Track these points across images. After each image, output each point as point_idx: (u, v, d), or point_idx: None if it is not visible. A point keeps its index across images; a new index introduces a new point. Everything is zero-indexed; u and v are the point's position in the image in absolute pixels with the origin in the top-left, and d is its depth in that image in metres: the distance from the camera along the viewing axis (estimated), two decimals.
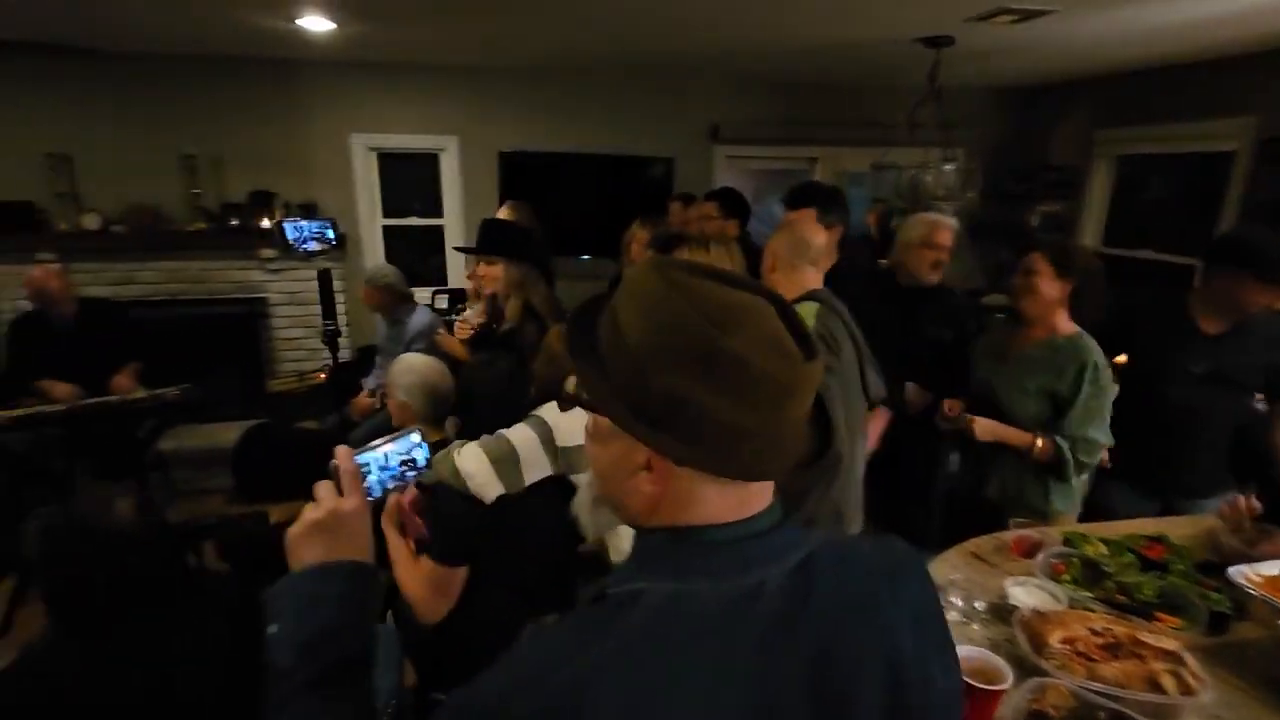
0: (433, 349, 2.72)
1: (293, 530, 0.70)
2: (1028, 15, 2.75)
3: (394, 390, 2.05)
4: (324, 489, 0.72)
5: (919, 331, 2.33)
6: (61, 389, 2.96)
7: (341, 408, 3.26)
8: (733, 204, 3.08)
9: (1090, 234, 4.52)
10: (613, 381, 0.56)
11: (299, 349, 4.43)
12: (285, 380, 4.28)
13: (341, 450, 0.75)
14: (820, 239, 1.95)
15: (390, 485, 0.81)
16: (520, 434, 1.56)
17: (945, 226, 2.39)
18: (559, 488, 1.63)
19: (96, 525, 1.18)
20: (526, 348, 2.37)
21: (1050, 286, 1.85)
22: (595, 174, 4.47)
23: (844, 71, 4.19)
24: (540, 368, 1.72)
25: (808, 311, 1.73)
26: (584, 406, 0.61)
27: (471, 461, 1.52)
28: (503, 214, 3.26)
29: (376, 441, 0.80)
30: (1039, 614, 1.28)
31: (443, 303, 4.23)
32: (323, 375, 4.16)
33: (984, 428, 1.90)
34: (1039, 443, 1.84)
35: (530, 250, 2.33)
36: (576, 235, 4.42)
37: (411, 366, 2.09)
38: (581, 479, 1.60)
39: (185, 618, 1.25)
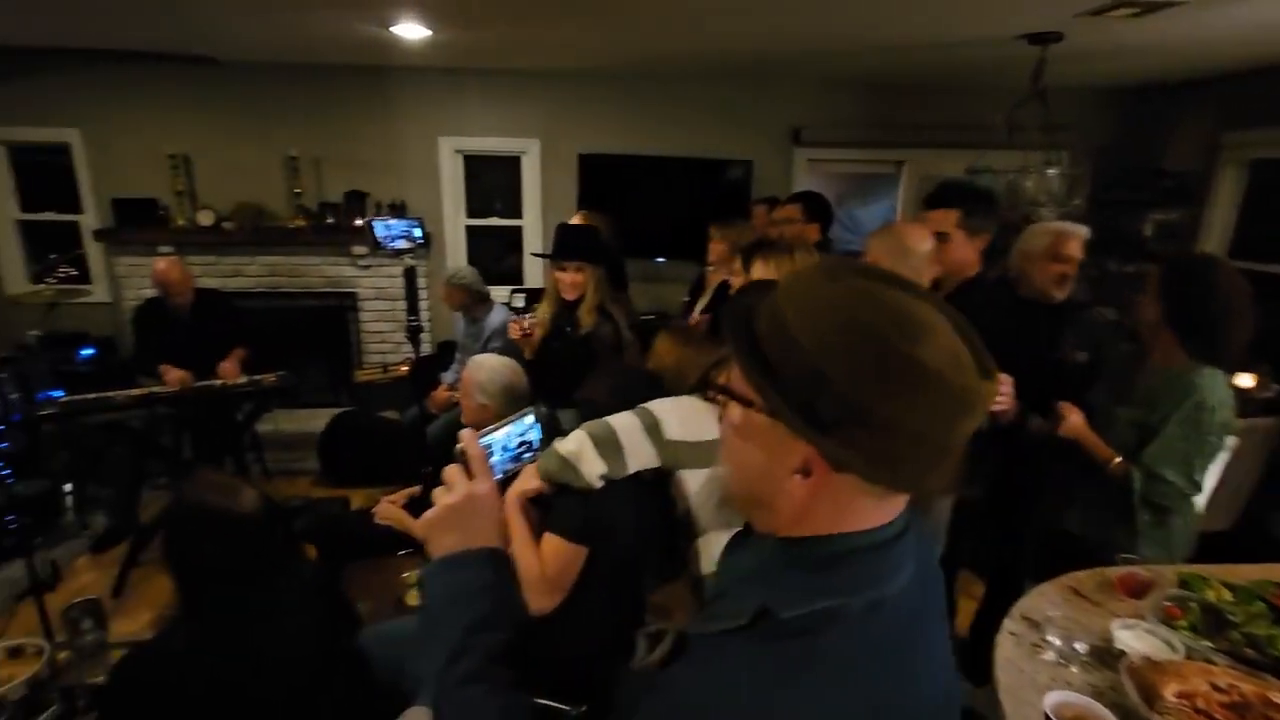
0: (509, 347, 2.77)
1: (429, 516, 0.71)
2: (1151, 8, 2.53)
3: (471, 392, 2.09)
4: (455, 473, 0.73)
5: (1046, 351, 2.10)
6: (176, 373, 3.21)
7: (421, 400, 3.37)
8: (816, 208, 3.00)
9: (1214, 245, 4.12)
10: (779, 381, 0.54)
11: (384, 342, 4.63)
12: (370, 371, 4.48)
13: (467, 434, 0.75)
14: (924, 246, 1.84)
15: (510, 466, 0.81)
16: (623, 420, 1.54)
17: (1073, 236, 2.14)
18: (660, 481, 1.61)
19: (220, 512, 1.25)
20: (601, 349, 2.39)
21: (1149, 309, 1.67)
22: (672, 177, 4.45)
23: (937, 71, 4.00)
24: (656, 362, 1.73)
25: None
26: (737, 400, 0.59)
27: (572, 442, 1.52)
28: (577, 221, 3.31)
29: (495, 424, 0.81)
30: (1151, 663, 1.17)
31: (519, 301, 4.33)
32: (405, 368, 4.34)
33: (1072, 423, 1.76)
34: (1116, 460, 1.69)
35: (605, 256, 2.34)
36: (653, 238, 4.42)
37: (487, 368, 2.13)
38: (699, 474, 1.58)
39: (292, 601, 1.31)
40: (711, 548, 1.62)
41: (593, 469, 1.49)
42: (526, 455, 0.83)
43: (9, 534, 3.06)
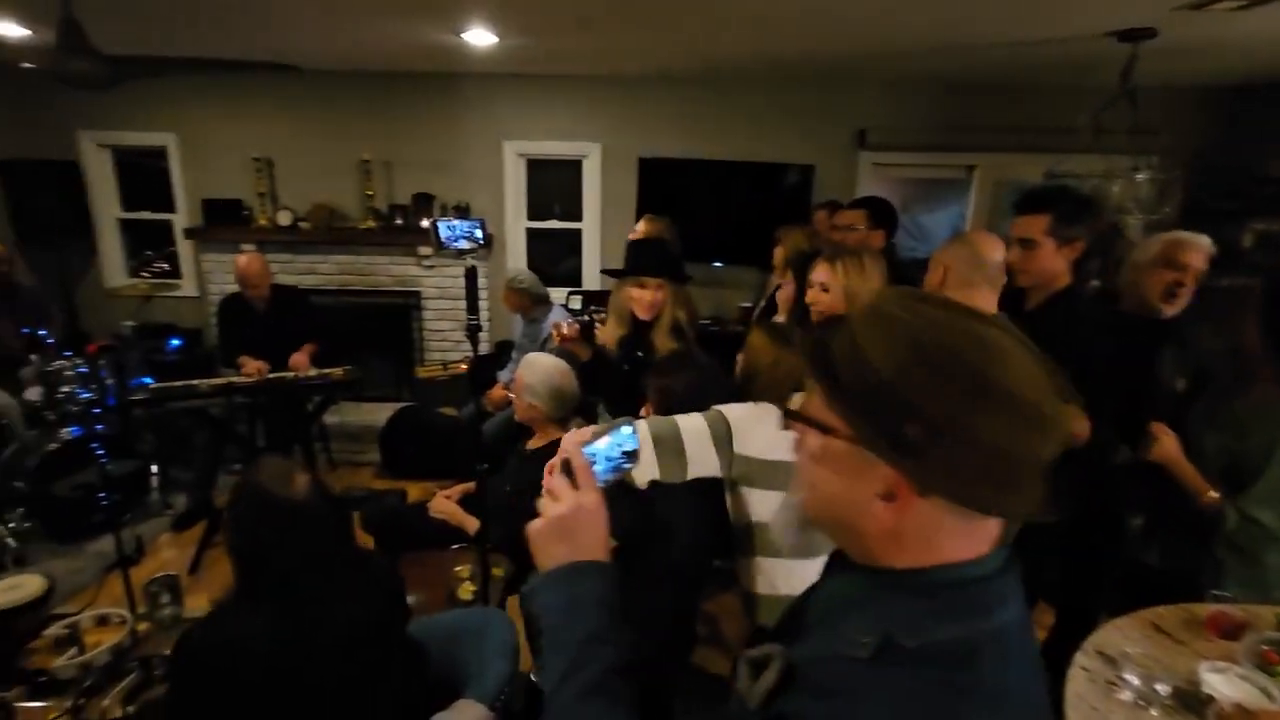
0: (565, 349, 2.80)
1: (536, 526, 0.72)
2: (1258, 1, 2.35)
3: (521, 392, 2.12)
4: (561, 485, 0.73)
5: (1144, 375, 1.93)
6: (254, 364, 3.39)
7: (478, 398, 3.45)
8: (880, 214, 2.90)
9: None
10: (859, 407, 0.56)
11: (444, 340, 4.77)
12: (431, 368, 4.61)
13: (571, 445, 0.75)
14: (999, 255, 1.74)
15: (610, 477, 0.79)
16: (691, 422, 1.45)
17: (1191, 244, 1.95)
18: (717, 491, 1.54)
19: (275, 497, 1.30)
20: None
21: (1249, 330, 1.54)
22: (732, 181, 4.42)
23: (1016, 70, 3.83)
24: (750, 385, 1.62)
25: None
26: (815, 427, 0.60)
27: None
28: (642, 227, 3.30)
29: (595, 435, 0.80)
30: (1244, 711, 1.07)
31: (576, 303, 4.38)
32: (463, 366, 4.44)
33: (1164, 447, 1.63)
34: (1211, 494, 1.57)
35: (680, 271, 2.23)
36: (711, 242, 4.39)
37: (538, 369, 2.15)
38: (768, 495, 1.51)
39: (349, 589, 1.35)
40: (775, 571, 1.56)
41: (644, 472, 1.39)
42: (626, 465, 0.81)
43: (101, 510, 3.29)
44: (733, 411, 1.50)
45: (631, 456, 0.81)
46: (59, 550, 3.25)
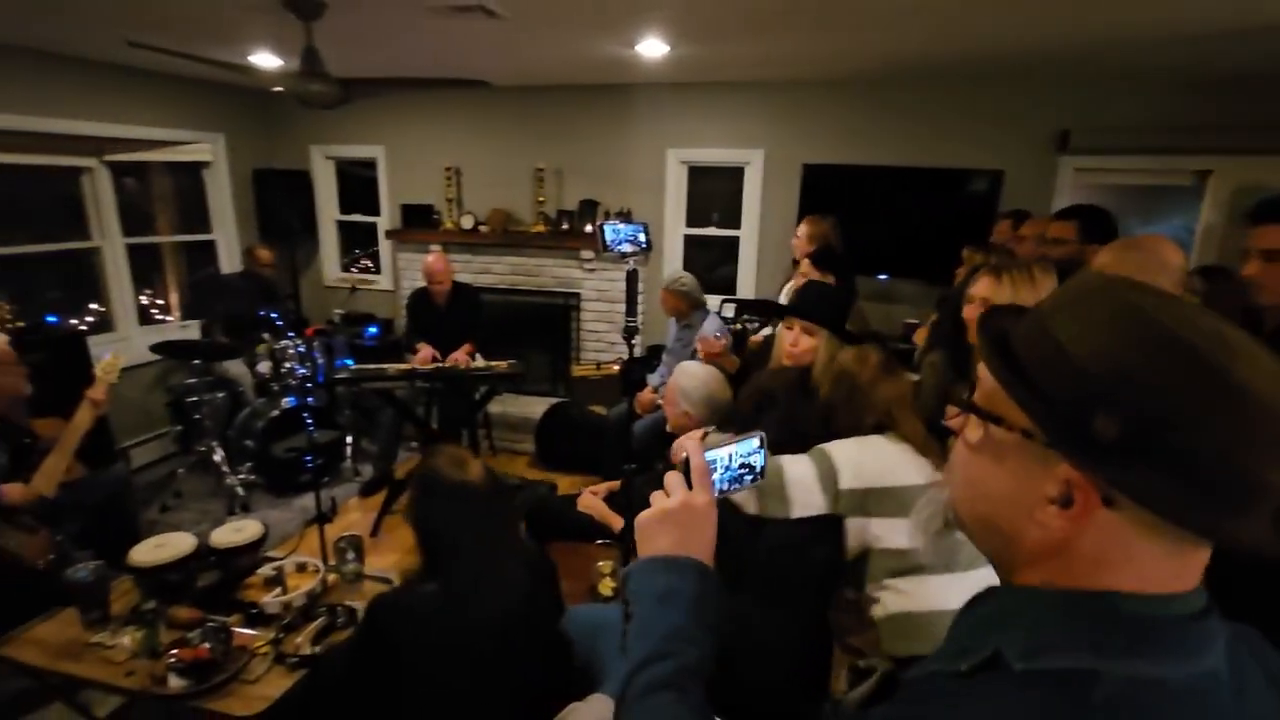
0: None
1: (645, 515, 0.73)
2: None
3: (675, 398, 2.12)
4: (675, 481, 0.74)
5: None
6: (425, 350, 3.79)
7: (629, 399, 3.53)
8: (1096, 225, 2.46)
9: None
10: (1041, 394, 0.49)
11: (599, 341, 4.95)
12: (585, 367, 4.82)
13: (693, 445, 0.75)
14: (1180, 260, 1.61)
15: (728, 487, 0.79)
16: (798, 470, 1.46)
17: None
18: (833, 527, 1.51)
19: (452, 480, 1.41)
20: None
21: None
22: (903, 188, 4.13)
23: (1264, 59, 3.20)
24: (839, 398, 1.61)
25: None
26: (980, 415, 0.54)
27: None
28: (804, 229, 3.21)
29: (723, 439, 0.79)
30: None
31: (729, 311, 4.34)
32: (616, 367, 4.59)
33: None
34: None
35: (842, 318, 1.93)
36: (876, 253, 4.15)
37: (692, 375, 2.14)
38: (893, 523, 1.45)
39: (509, 573, 1.44)
40: (897, 592, 1.47)
41: (745, 509, 1.44)
42: (747, 478, 0.79)
43: (307, 471, 3.82)
44: (837, 450, 1.47)
45: (754, 472, 0.79)
46: (274, 502, 3.81)
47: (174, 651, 1.72)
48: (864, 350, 1.68)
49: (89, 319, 4.31)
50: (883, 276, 4.23)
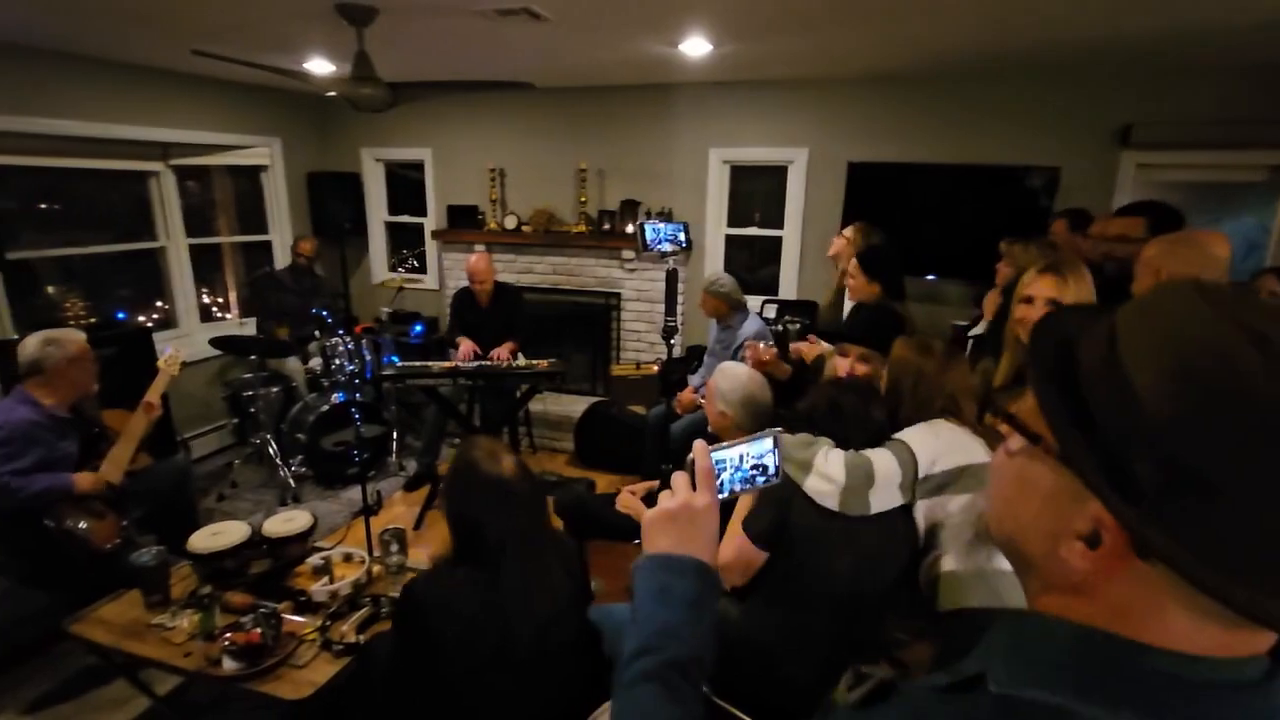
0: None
1: (649, 514, 0.74)
2: None
3: (714, 398, 2.11)
4: (680, 481, 0.74)
5: None
6: (466, 346, 3.88)
7: (668, 399, 3.53)
8: (1166, 222, 2.38)
9: None
10: (1088, 426, 0.44)
11: (639, 341, 4.96)
12: (624, 367, 4.83)
13: (699, 446, 0.76)
14: (1226, 252, 1.64)
15: (739, 488, 0.80)
16: (885, 462, 1.51)
17: None
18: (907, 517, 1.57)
19: (485, 472, 1.43)
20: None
21: None
22: (952, 186, 4.01)
23: None
24: (905, 386, 1.66)
25: None
26: (1019, 430, 0.50)
27: (834, 471, 1.50)
28: (848, 234, 3.15)
29: (733, 441, 0.80)
30: None
31: (770, 312, 4.29)
32: (655, 367, 4.59)
33: None
34: None
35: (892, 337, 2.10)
36: (924, 253, 4.04)
37: (732, 376, 2.13)
38: (961, 499, 1.49)
39: (544, 567, 1.46)
40: (961, 591, 1.49)
41: (823, 502, 1.50)
42: (760, 479, 0.79)
43: (354, 465, 3.93)
44: (913, 436, 1.55)
45: (766, 473, 0.79)
46: (323, 493, 3.94)
47: (228, 635, 1.79)
48: (925, 339, 1.74)
49: (155, 316, 4.53)
50: (931, 277, 4.12)
